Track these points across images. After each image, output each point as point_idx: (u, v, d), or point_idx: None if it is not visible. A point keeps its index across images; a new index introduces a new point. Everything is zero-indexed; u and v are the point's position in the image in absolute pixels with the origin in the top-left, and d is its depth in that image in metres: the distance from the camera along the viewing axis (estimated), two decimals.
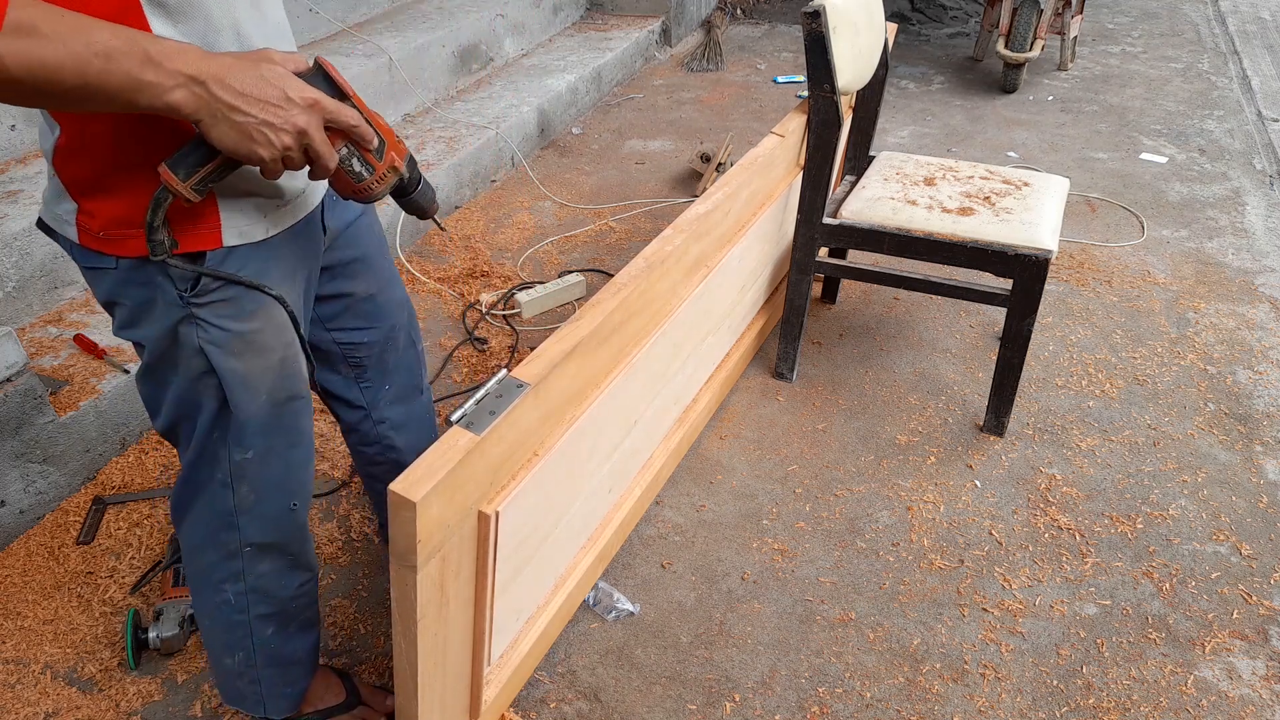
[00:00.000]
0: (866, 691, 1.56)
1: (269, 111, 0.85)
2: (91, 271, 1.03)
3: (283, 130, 0.87)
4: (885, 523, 1.90)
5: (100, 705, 1.54)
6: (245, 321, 1.07)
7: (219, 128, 0.85)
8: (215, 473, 1.16)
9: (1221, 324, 2.52)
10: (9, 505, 1.82)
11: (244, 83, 0.84)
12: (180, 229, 0.99)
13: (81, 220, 0.99)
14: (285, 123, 0.86)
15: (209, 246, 1.01)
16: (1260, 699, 1.54)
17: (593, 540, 1.66)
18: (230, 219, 1.01)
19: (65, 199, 0.99)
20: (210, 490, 1.18)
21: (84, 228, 0.99)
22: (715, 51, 4.80)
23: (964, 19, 5.31)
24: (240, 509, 1.19)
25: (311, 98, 0.88)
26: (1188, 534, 1.86)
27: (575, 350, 1.23)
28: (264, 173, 0.91)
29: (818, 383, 2.33)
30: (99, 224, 0.98)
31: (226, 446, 1.14)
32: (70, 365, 2.04)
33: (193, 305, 1.03)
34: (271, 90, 0.86)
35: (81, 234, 0.99)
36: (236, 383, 1.09)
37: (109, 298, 1.05)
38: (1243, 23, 5.18)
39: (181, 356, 1.07)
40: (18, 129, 2.44)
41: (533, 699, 1.55)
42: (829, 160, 2.01)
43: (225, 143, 0.86)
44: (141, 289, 1.02)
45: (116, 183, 0.95)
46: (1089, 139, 3.71)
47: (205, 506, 1.20)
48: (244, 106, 0.84)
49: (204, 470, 1.17)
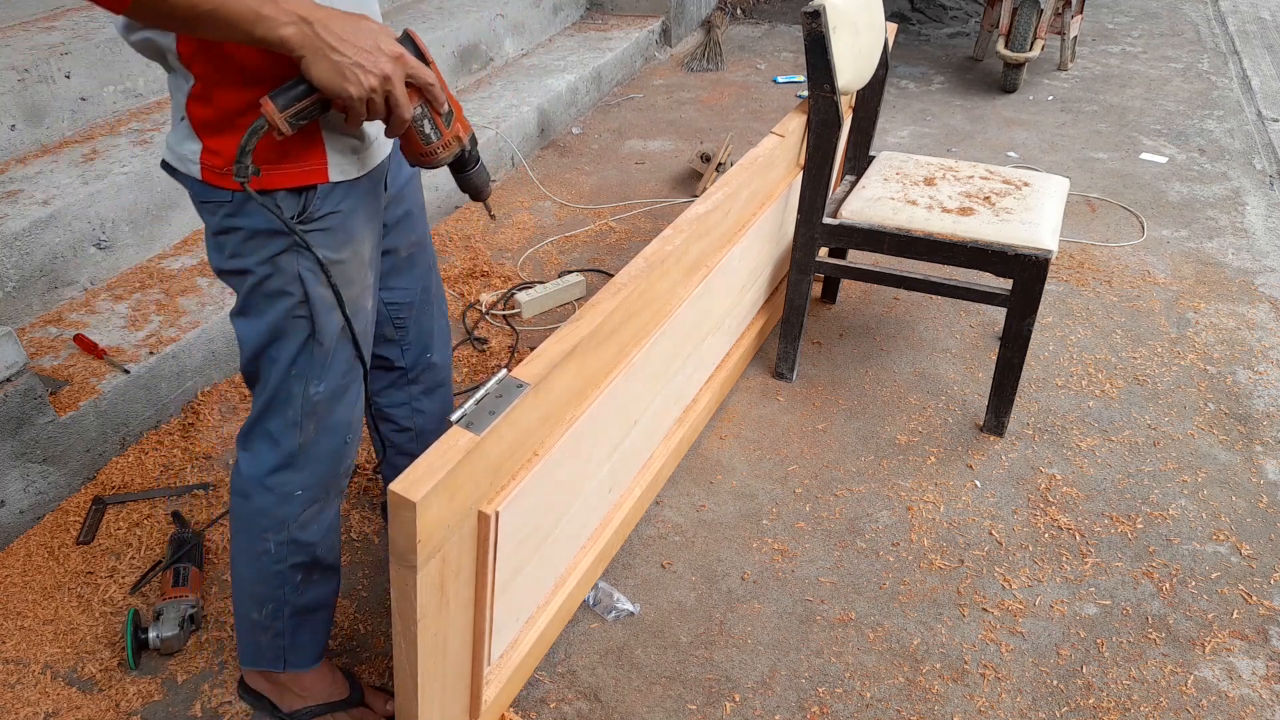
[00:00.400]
0: (866, 691, 1.56)
1: (362, 56, 0.98)
2: (209, 205, 1.16)
3: (371, 73, 0.99)
4: (885, 523, 1.90)
5: (100, 705, 1.54)
6: (338, 251, 1.20)
7: (318, 64, 0.97)
8: (288, 410, 1.26)
9: (1221, 324, 2.52)
10: (9, 505, 1.82)
11: (344, 29, 0.98)
12: (295, 163, 1.12)
13: (205, 159, 1.12)
14: (374, 67, 0.99)
15: (318, 180, 1.14)
16: (1260, 699, 1.54)
17: (593, 540, 1.66)
18: (333, 158, 1.15)
19: (192, 140, 1.12)
20: (279, 431, 1.27)
21: (207, 165, 1.12)
22: (715, 51, 4.80)
23: (964, 19, 5.31)
24: (303, 448, 1.29)
25: (398, 51, 1.02)
26: (1188, 534, 1.86)
27: (575, 350, 1.23)
28: (348, 118, 1.03)
29: (818, 383, 2.33)
30: (222, 161, 1.11)
31: (304, 382, 1.25)
32: (70, 365, 2.04)
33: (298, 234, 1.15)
34: (366, 39, 0.99)
35: (204, 171, 1.13)
36: (325, 311, 1.21)
37: (221, 227, 1.17)
38: (1243, 23, 5.18)
39: (281, 285, 1.19)
40: (18, 129, 2.44)
41: (533, 699, 1.55)
42: (829, 160, 2.01)
43: (322, 79, 0.98)
44: (252, 218, 1.15)
45: (238, 125, 1.09)
46: (1089, 139, 3.71)
47: (270, 449, 1.29)
48: (341, 48, 0.97)
49: (278, 410, 1.26)
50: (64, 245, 2.23)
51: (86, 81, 2.61)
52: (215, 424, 2.16)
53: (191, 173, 1.15)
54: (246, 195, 1.07)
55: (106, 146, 2.51)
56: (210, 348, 2.23)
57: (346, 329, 1.24)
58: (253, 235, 1.17)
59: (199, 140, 1.12)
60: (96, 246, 2.32)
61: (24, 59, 2.44)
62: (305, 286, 1.19)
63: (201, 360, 2.22)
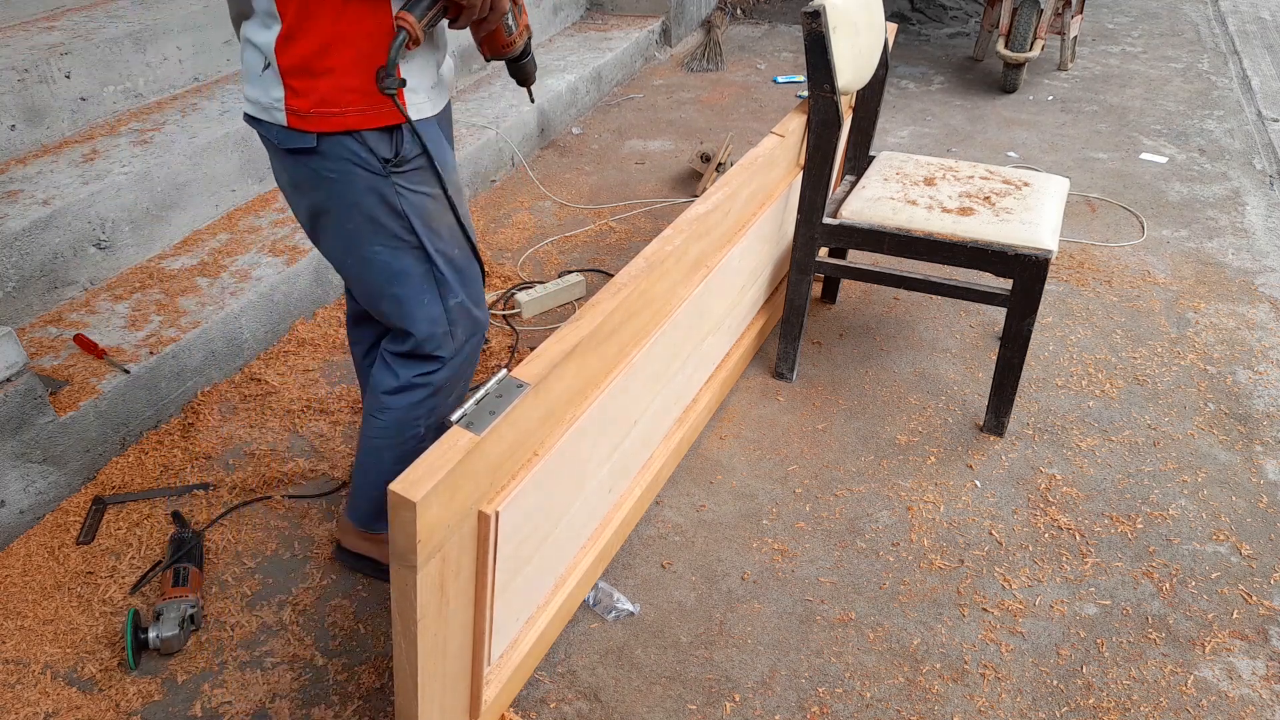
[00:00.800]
0: (866, 691, 1.56)
1: None
2: (291, 153, 1.23)
3: None
4: (885, 523, 1.90)
5: (100, 705, 1.54)
6: (432, 186, 1.31)
7: None
8: (437, 328, 1.41)
9: (1221, 324, 2.52)
10: (9, 505, 1.82)
11: None
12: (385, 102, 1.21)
13: (291, 104, 1.19)
14: None
15: (401, 120, 1.24)
16: (1260, 699, 1.54)
17: (593, 540, 1.67)
18: (415, 96, 1.25)
19: (277, 87, 1.19)
20: (433, 345, 1.42)
21: (293, 110, 1.19)
22: (715, 51, 4.80)
23: (964, 19, 5.31)
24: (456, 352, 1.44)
25: None
26: (1188, 534, 1.86)
27: (575, 350, 1.23)
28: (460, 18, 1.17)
29: (818, 383, 2.33)
30: (309, 104, 1.19)
31: (441, 300, 1.39)
32: (70, 365, 2.04)
33: (394, 173, 1.25)
34: None
35: (290, 116, 1.20)
36: (433, 238, 1.33)
37: (306, 174, 1.25)
38: (1243, 23, 5.18)
39: (387, 220, 1.29)
40: (18, 129, 2.44)
41: (533, 699, 1.55)
42: (829, 160, 2.01)
43: None
44: (344, 162, 1.23)
45: (324, 69, 1.17)
46: (1089, 139, 3.71)
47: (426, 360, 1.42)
48: None
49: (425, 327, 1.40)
50: (64, 245, 2.23)
51: (86, 81, 2.61)
52: (215, 424, 2.16)
53: (276, 119, 1.20)
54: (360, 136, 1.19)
55: (106, 146, 2.51)
56: (210, 348, 2.23)
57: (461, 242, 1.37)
58: (344, 177, 1.24)
59: (283, 86, 1.18)
60: (96, 246, 2.32)
61: (24, 59, 2.44)
62: (411, 222, 1.30)
63: (201, 360, 2.22)
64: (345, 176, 1.24)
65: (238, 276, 2.41)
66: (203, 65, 2.98)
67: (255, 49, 1.20)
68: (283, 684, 1.58)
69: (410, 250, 1.34)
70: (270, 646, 1.64)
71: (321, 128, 1.20)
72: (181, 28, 2.86)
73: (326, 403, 2.24)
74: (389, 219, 1.30)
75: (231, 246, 2.54)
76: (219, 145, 2.62)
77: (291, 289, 2.47)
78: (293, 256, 2.50)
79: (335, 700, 1.55)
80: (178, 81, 2.90)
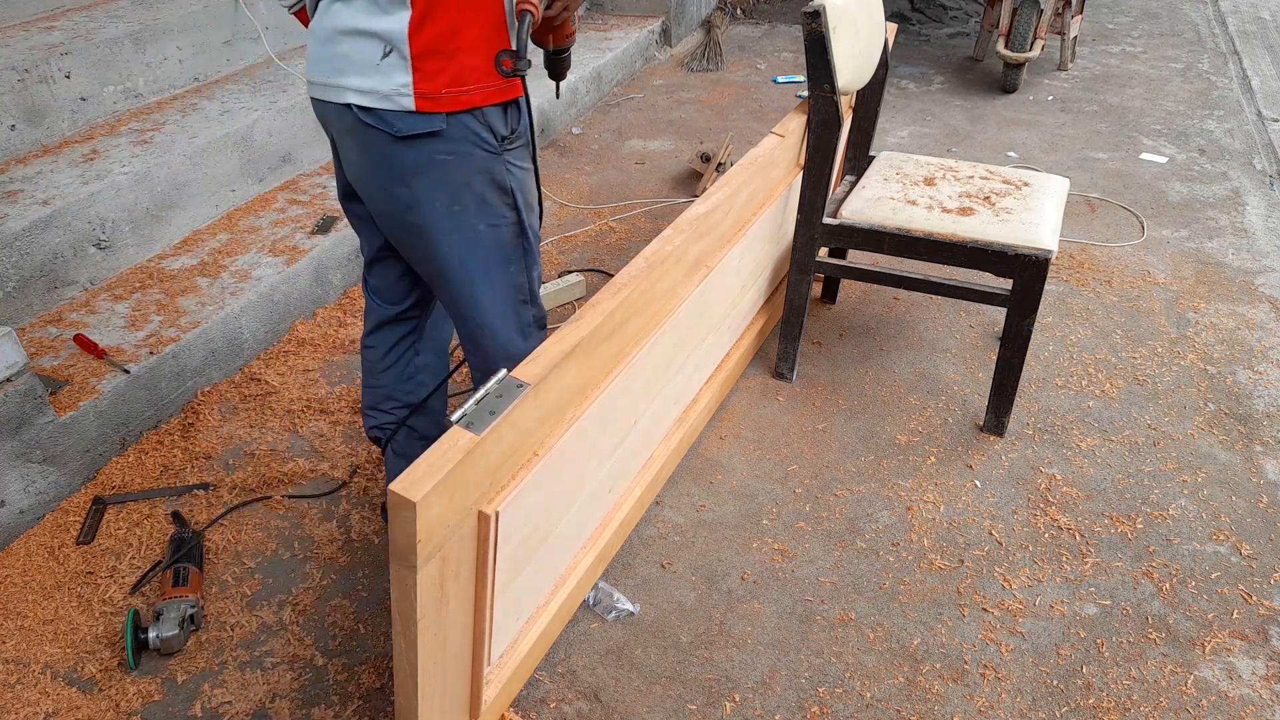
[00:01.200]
0: (866, 691, 1.56)
1: None
2: (407, 140, 1.26)
3: None
4: (885, 523, 1.90)
5: (100, 705, 1.54)
6: (529, 163, 1.39)
7: None
8: (519, 294, 1.47)
9: (1221, 324, 2.52)
10: (9, 505, 1.82)
11: None
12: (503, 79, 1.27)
13: (420, 88, 1.23)
14: None
15: (519, 94, 1.33)
16: (1260, 699, 1.54)
17: (593, 540, 1.66)
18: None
19: (402, 73, 1.22)
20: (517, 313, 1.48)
21: (422, 94, 1.23)
22: (715, 51, 4.80)
23: (964, 19, 5.31)
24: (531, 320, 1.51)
25: None
26: (1188, 534, 1.86)
27: (575, 350, 1.23)
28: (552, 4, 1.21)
29: (818, 383, 2.33)
30: (440, 86, 1.23)
31: (526, 270, 1.46)
32: (70, 365, 2.04)
33: (505, 150, 1.31)
34: None
35: (419, 100, 1.23)
36: (529, 212, 1.40)
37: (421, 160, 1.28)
38: (1243, 23, 5.18)
39: (494, 197, 1.35)
40: (18, 129, 2.44)
41: (533, 699, 1.55)
42: (829, 160, 2.01)
43: None
44: (464, 142, 1.28)
45: (454, 50, 1.22)
46: (1089, 139, 3.71)
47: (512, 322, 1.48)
48: None
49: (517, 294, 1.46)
50: (64, 245, 2.23)
51: (86, 81, 2.61)
52: (215, 424, 2.16)
53: (403, 106, 1.23)
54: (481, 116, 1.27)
55: (106, 146, 2.51)
56: (210, 348, 2.23)
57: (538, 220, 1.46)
58: (466, 156, 1.29)
59: (410, 72, 1.21)
60: (96, 246, 2.32)
61: (24, 59, 2.44)
62: (515, 197, 1.36)
63: (201, 360, 2.22)
64: (463, 157, 1.29)
65: (238, 276, 2.41)
66: (203, 65, 2.98)
67: (371, 38, 1.22)
68: (283, 684, 1.58)
69: (509, 226, 1.40)
70: (270, 646, 1.64)
71: (451, 107, 1.25)
72: (181, 28, 2.86)
73: (326, 403, 2.24)
74: (497, 196, 1.36)
75: (231, 246, 2.54)
76: (219, 145, 2.62)
77: (291, 289, 2.47)
78: (293, 256, 2.50)
79: (335, 700, 1.55)
80: (178, 81, 2.90)
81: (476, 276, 1.42)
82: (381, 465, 2.05)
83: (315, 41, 1.31)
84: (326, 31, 1.28)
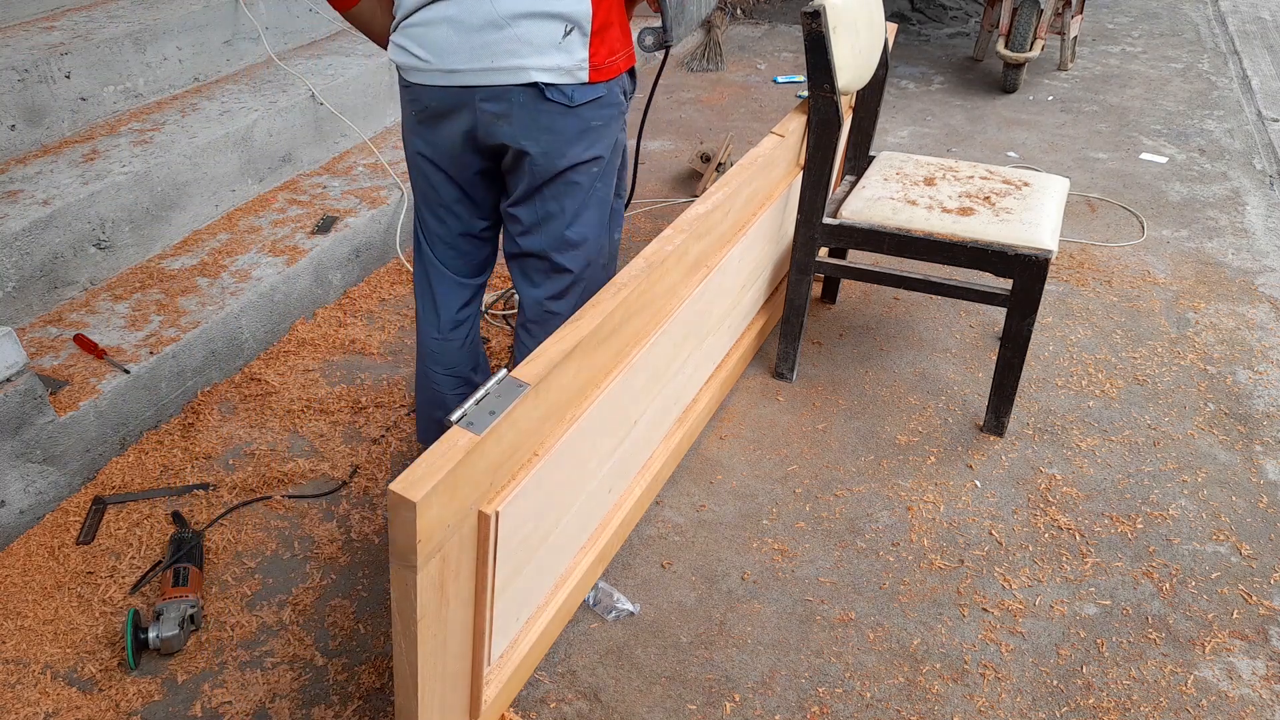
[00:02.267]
0: (866, 691, 1.56)
1: None
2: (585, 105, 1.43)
3: None
4: (885, 523, 1.90)
5: (100, 705, 1.54)
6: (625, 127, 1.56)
7: None
8: (604, 255, 1.62)
9: (1221, 324, 2.52)
10: (9, 505, 1.82)
11: None
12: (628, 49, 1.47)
13: (593, 60, 1.40)
14: None
15: (634, 63, 1.52)
16: (1260, 699, 1.54)
17: (593, 540, 1.66)
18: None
19: (582, 48, 1.39)
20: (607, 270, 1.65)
21: (594, 65, 1.40)
22: (715, 51, 4.80)
23: (964, 19, 5.31)
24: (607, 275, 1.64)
25: None
26: (1188, 534, 1.86)
27: (575, 350, 1.23)
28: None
29: (818, 383, 2.33)
30: (603, 57, 1.41)
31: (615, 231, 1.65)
32: (70, 365, 2.04)
33: (622, 114, 1.49)
34: None
35: (592, 72, 1.40)
36: (624, 171, 1.61)
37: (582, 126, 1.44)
38: (1243, 23, 5.18)
39: (620, 154, 1.55)
40: (18, 129, 2.44)
41: (533, 699, 1.55)
42: (829, 160, 2.01)
43: None
44: (613, 106, 1.48)
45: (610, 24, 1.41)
46: (1089, 139, 3.71)
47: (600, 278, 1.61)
48: None
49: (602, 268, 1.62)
50: (64, 245, 2.23)
51: (86, 81, 2.61)
52: (215, 424, 2.16)
53: (580, 79, 1.39)
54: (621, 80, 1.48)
55: (106, 146, 2.51)
56: (210, 348, 2.23)
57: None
58: (613, 120, 1.48)
59: (587, 47, 1.37)
60: (96, 246, 2.32)
61: (24, 59, 2.44)
62: (623, 155, 1.56)
63: (201, 360, 2.22)
64: (610, 121, 1.48)
65: (238, 276, 2.41)
66: (203, 65, 2.98)
67: (553, 19, 1.36)
68: (283, 684, 1.58)
69: (612, 186, 1.58)
70: (270, 646, 1.64)
71: (610, 75, 1.43)
72: (181, 28, 2.86)
73: (326, 403, 2.24)
74: (616, 157, 1.56)
75: (231, 246, 2.54)
76: (219, 145, 2.62)
77: (291, 289, 2.47)
78: (293, 257, 2.50)
79: (335, 700, 1.55)
80: (178, 81, 2.90)
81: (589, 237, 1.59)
82: (381, 465, 2.05)
83: (457, 32, 1.38)
84: (481, 20, 1.37)
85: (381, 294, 2.70)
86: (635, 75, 1.54)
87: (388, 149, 3.13)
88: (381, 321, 2.57)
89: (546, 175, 1.49)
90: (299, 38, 3.38)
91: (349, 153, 3.14)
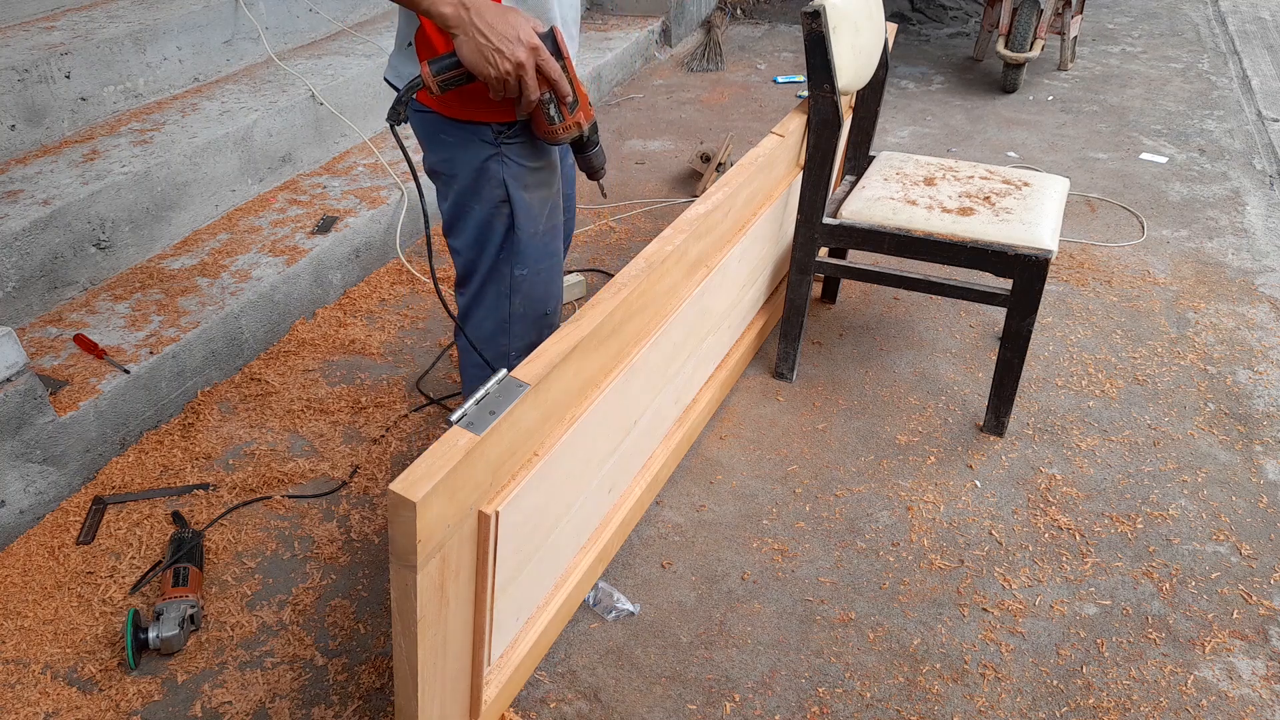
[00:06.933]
0: (866, 691, 1.56)
1: (503, 43, 1.18)
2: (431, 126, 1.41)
3: (507, 60, 1.19)
4: (885, 523, 1.90)
5: (100, 705, 1.54)
6: (535, 160, 1.43)
7: (465, 45, 1.19)
8: (500, 286, 1.50)
9: (1221, 324, 2.52)
10: (9, 505, 1.82)
11: (494, 18, 1.18)
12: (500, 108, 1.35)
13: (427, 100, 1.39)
14: (511, 55, 1.19)
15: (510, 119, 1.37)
16: (1260, 699, 1.54)
17: (593, 540, 1.67)
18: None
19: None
20: (495, 302, 1.51)
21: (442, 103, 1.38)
22: (715, 51, 4.80)
23: (964, 19, 5.31)
24: (513, 316, 1.53)
25: (535, 44, 1.21)
26: (1188, 534, 1.86)
27: (575, 350, 1.23)
28: (490, 90, 1.24)
29: (818, 383, 2.33)
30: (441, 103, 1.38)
31: (510, 265, 1.49)
32: (70, 365, 2.04)
33: (503, 144, 1.38)
34: (510, 30, 1.19)
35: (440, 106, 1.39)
36: (523, 210, 1.44)
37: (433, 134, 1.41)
38: (1243, 23, 5.18)
39: (487, 187, 1.42)
40: (18, 129, 2.44)
41: (533, 699, 1.55)
42: (829, 160, 2.01)
43: (466, 57, 1.20)
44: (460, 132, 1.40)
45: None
46: (1089, 139, 3.71)
47: (490, 315, 1.52)
48: (488, 34, 1.18)
49: (492, 286, 1.50)
50: (64, 245, 2.23)
51: (86, 81, 2.61)
52: (215, 424, 2.16)
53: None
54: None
55: (106, 146, 2.51)
56: (210, 348, 2.23)
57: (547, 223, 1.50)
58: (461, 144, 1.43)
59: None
60: (96, 246, 2.32)
61: (24, 59, 2.44)
62: (508, 190, 1.43)
63: (201, 360, 2.22)
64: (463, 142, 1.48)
65: (238, 276, 2.41)
66: (203, 65, 2.98)
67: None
68: (283, 684, 1.58)
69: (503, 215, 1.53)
70: (270, 646, 1.64)
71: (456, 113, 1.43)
72: (181, 28, 2.86)
73: (326, 403, 2.24)
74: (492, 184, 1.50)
75: (231, 246, 2.54)
76: (219, 145, 2.62)
77: (291, 289, 2.47)
78: (293, 257, 2.50)
79: (335, 700, 1.55)
80: (178, 81, 2.90)
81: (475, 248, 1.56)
82: (381, 465, 2.05)
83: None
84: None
85: (381, 294, 2.70)
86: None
87: (388, 149, 3.13)
88: (381, 321, 2.57)
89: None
90: (299, 38, 3.38)
91: (349, 153, 3.14)
